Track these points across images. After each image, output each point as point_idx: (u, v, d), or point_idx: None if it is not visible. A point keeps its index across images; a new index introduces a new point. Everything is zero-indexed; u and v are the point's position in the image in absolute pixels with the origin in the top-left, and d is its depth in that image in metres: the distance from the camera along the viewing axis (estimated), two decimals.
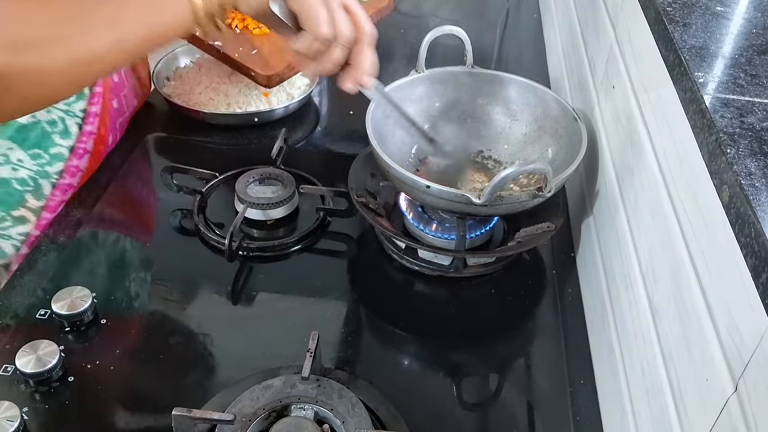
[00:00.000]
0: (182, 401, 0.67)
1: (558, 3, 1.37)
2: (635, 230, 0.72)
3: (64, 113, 0.93)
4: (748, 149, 0.50)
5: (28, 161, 0.91)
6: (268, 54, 1.04)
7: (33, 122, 0.90)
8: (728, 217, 0.48)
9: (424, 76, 0.99)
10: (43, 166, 0.93)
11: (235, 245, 0.88)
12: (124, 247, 0.93)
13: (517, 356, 0.83)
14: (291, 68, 1.02)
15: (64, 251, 0.88)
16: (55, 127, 0.93)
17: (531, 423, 0.74)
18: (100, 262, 0.89)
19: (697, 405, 0.52)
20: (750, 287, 0.44)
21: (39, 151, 0.92)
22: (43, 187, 0.94)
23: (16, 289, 0.83)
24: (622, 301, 0.73)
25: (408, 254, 0.89)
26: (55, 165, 0.94)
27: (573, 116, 0.91)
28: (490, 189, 0.77)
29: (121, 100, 1.05)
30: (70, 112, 0.94)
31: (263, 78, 1.02)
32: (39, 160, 0.92)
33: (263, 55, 1.04)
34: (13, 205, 0.92)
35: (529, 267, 0.92)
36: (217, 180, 1.00)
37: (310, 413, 0.69)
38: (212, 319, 0.82)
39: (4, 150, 0.90)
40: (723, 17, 0.68)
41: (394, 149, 0.95)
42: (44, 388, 0.72)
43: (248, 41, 1.07)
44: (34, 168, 0.92)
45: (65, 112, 0.93)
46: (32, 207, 0.93)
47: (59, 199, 0.95)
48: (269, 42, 1.08)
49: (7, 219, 0.92)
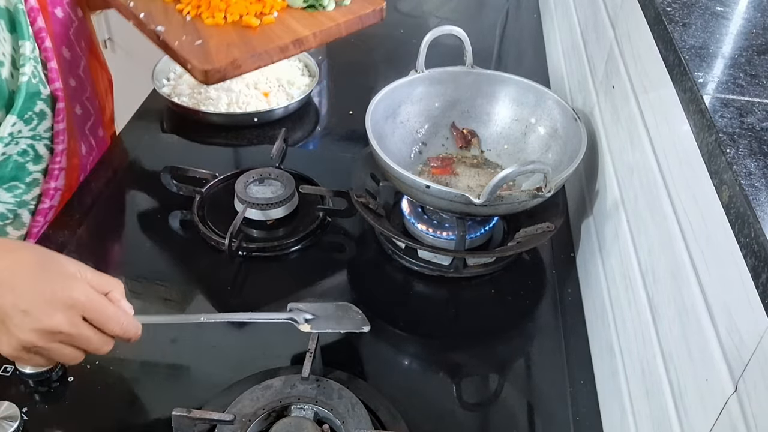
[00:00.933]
0: (182, 401, 0.67)
1: (558, 3, 1.37)
2: (635, 230, 0.72)
3: (31, 139, 0.88)
4: (747, 149, 0.50)
5: (4, 195, 0.88)
6: (213, 47, 0.90)
7: (4, 159, 0.86)
8: (728, 217, 0.48)
9: (423, 76, 0.99)
10: (20, 196, 0.90)
11: (235, 245, 0.88)
12: (124, 248, 0.93)
13: (517, 356, 0.83)
14: (236, 66, 0.88)
15: (63, 252, 0.88)
16: (27, 155, 0.89)
17: (531, 423, 0.74)
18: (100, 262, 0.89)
19: (697, 405, 0.52)
20: (750, 287, 0.44)
21: (14, 183, 0.89)
22: (22, 216, 0.91)
23: None
24: (622, 301, 0.73)
25: (408, 254, 0.89)
26: (32, 191, 0.91)
27: (573, 116, 0.91)
28: (490, 189, 0.77)
29: (84, 104, 1.00)
30: (37, 136, 0.89)
31: (200, 72, 0.87)
32: (16, 191, 0.89)
33: (208, 47, 0.90)
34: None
35: (529, 267, 0.92)
36: (217, 180, 1.00)
37: (310, 413, 0.69)
38: None
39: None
40: (723, 17, 0.68)
41: (394, 149, 0.95)
42: (44, 388, 0.72)
43: (196, 30, 0.93)
44: (12, 200, 0.89)
45: (32, 138, 0.88)
46: (14, 238, 0.90)
47: (41, 224, 0.93)
48: (219, 34, 0.93)
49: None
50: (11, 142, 0.86)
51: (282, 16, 0.96)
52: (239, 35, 0.92)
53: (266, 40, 0.91)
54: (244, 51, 0.89)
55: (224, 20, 0.94)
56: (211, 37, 0.92)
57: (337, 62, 1.34)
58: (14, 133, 0.86)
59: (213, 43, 0.91)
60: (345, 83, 1.30)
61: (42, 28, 0.87)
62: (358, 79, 1.31)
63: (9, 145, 0.86)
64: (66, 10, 0.94)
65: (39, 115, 0.88)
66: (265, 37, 0.92)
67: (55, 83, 0.89)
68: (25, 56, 0.85)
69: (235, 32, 0.93)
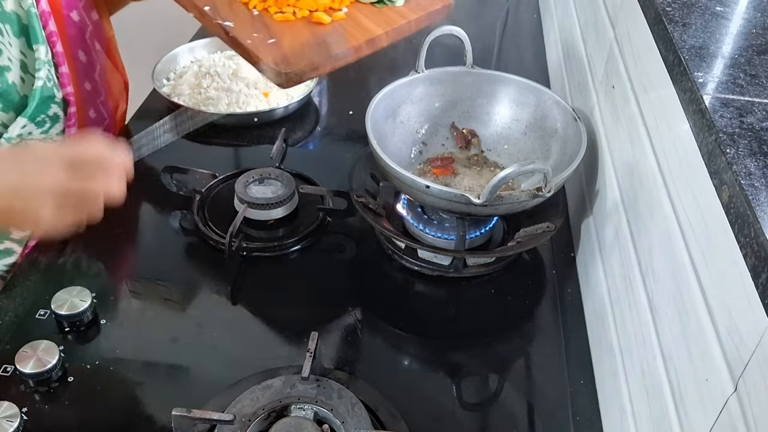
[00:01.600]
0: (182, 401, 0.67)
1: (558, 3, 1.37)
2: (635, 230, 0.72)
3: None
4: (747, 149, 0.50)
5: None
6: (288, 47, 0.84)
7: None
8: (728, 217, 0.48)
9: (423, 76, 0.99)
10: None
11: (235, 245, 0.88)
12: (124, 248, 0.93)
13: (517, 356, 0.83)
14: (313, 68, 0.83)
15: (64, 252, 0.88)
16: None
17: (531, 423, 0.74)
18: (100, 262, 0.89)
19: (697, 405, 0.52)
20: (750, 287, 0.44)
21: None
22: None
23: (16, 289, 0.83)
24: (622, 302, 0.73)
25: (408, 254, 0.89)
26: None
27: (573, 116, 0.91)
28: (490, 189, 0.77)
29: (98, 108, 1.00)
30: (49, 140, 0.89)
31: (278, 75, 0.82)
32: None
33: (282, 46, 0.84)
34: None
35: (529, 267, 0.92)
36: (217, 180, 1.00)
37: (310, 413, 0.69)
38: (212, 319, 0.82)
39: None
40: (723, 17, 0.68)
41: (394, 149, 0.95)
42: (44, 388, 0.72)
43: (266, 27, 0.87)
44: None
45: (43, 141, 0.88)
46: (16, 239, 0.90)
47: None
48: (292, 32, 0.87)
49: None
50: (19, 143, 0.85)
51: (352, 12, 0.92)
52: (311, 33, 0.88)
53: (340, 39, 0.87)
54: (320, 52, 0.85)
55: (294, 16, 0.90)
56: (283, 35, 0.87)
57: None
58: (24, 135, 0.86)
59: (287, 42, 0.86)
60: (345, 83, 1.30)
61: (53, 32, 0.87)
62: (358, 79, 1.31)
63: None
64: (81, 14, 0.94)
65: (52, 118, 0.89)
66: (338, 36, 0.88)
67: (66, 87, 0.90)
68: (41, 60, 0.85)
69: (306, 30, 0.88)
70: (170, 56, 1.23)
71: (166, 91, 1.16)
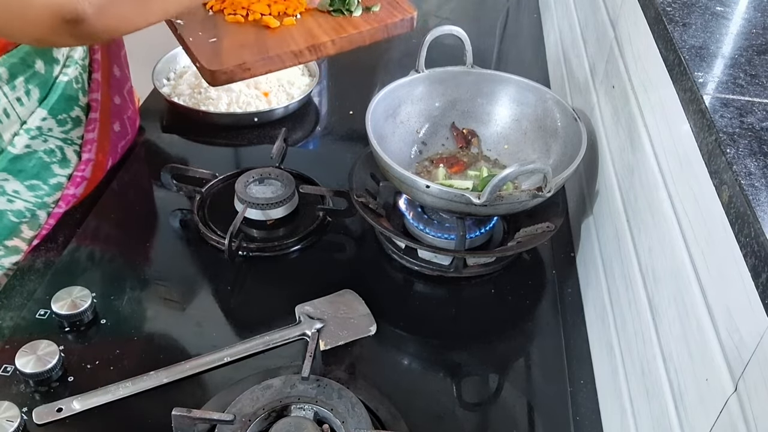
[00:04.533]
0: (182, 401, 0.67)
1: (558, 3, 1.37)
2: (635, 230, 0.72)
3: (62, 141, 0.89)
4: (747, 149, 0.50)
5: (25, 192, 0.88)
6: (226, 46, 0.85)
7: (28, 152, 0.86)
8: (728, 217, 0.48)
9: (423, 76, 0.99)
10: (42, 198, 0.90)
11: (235, 245, 0.88)
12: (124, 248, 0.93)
13: (517, 356, 0.83)
14: (244, 69, 0.83)
15: (64, 252, 0.88)
16: (54, 156, 0.89)
17: (531, 423, 0.74)
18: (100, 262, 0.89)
19: (697, 405, 0.52)
20: (750, 287, 0.44)
21: (38, 182, 0.88)
22: (39, 216, 0.90)
23: (16, 289, 0.83)
24: (622, 301, 0.73)
25: (408, 254, 0.89)
26: (54, 195, 0.91)
27: (573, 116, 0.91)
28: (490, 189, 0.77)
29: (124, 122, 1.02)
30: (68, 140, 0.90)
31: (206, 73, 0.83)
32: (37, 192, 0.89)
33: (220, 46, 0.85)
34: (7, 236, 0.88)
35: (529, 267, 0.92)
36: (217, 180, 1.00)
37: (310, 413, 0.69)
38: (212, 319, 0.82)
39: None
40: (723, 17, 0.68)
41: (394, 149, 0.95)
42: (44, 388, 0.72)
43: (215, 27, 0.87)
44: (32, 200, 0.89)
45: (63, 141, 0.89)
46: (26, 237, 0.90)
47: (50, 227, 0.92)
48: (237, 33, 0.88)
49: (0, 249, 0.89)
50: (38, 136, 0.86)
51: (305, 19, 0.91)
52: (256, 36, 0.88)
53: (281, 43, 0.86)
54: (255, 53, 0.85)
55: (244, 18, 0.90)
56: (226, 36, 0.87)
57: (337, 62, 1.34)
58: (43, 128, 0.87)
59: (226, 42, 0.86)
60: (345, 83, 1.30)
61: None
62: (358, 79, 1.31)
63: (36, 139, 0.86)
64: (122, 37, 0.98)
65: (74, 120, 0.90)
66: (280, 40, 0.87)
67: (94, 93, 0.92)
68: (73, 58, 0.87)
69: (252, 32, 0.88)
70: (170, 56, 1.23)
71: (166, 91, 1.16)
